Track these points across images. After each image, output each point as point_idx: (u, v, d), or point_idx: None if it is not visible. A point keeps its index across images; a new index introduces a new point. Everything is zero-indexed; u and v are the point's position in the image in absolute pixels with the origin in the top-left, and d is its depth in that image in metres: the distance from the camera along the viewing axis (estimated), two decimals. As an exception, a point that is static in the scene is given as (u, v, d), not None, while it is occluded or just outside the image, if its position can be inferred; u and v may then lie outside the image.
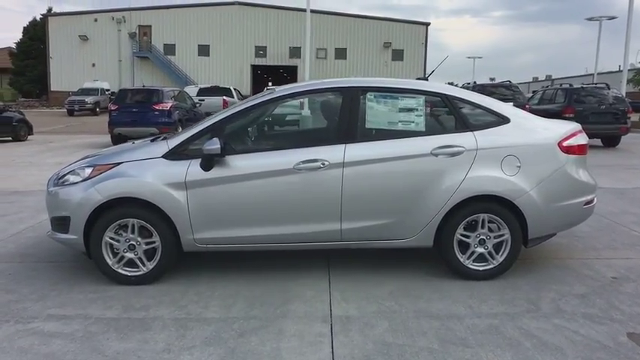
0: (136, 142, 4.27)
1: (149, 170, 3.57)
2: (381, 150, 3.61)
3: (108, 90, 33.22)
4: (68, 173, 3.82)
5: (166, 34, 41.09)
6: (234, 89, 24.44)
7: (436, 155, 3.62)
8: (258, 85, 39.58)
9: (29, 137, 15.77)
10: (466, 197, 3.61)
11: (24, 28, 42.17)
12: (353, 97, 3.72)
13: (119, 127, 13.10)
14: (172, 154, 3.62)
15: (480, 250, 3.73)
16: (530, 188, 3.65)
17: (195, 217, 3.57)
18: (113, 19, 40.54)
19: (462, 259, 3.72)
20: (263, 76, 45.35)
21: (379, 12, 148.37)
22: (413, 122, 3.73)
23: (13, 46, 43.70)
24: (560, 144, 3.75)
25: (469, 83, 15.13)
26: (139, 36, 40.90)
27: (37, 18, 42.49)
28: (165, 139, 3.82)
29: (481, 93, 13.13)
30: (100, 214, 3.59)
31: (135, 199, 3.55)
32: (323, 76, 42.54)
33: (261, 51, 42.25)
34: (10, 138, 15.04)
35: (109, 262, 3.64)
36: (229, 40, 41.47)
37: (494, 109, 3.80)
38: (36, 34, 41.45)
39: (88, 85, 33.60)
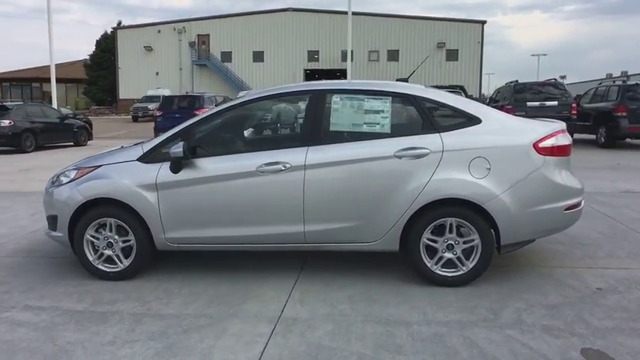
0: (124, 145, 4.53)
1: (124, 173, 3.79)
2: (344, 152, 3.59)
3: (168, 97, 35.02)
4: (61, 175, 4.12)
5: (223, 42, 42.65)
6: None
7: (400, 157, 3.55)
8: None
9: (89, 142, 17.04)
10: (430, 200, 3.51)
11: (96, 41, 45.40)
12: (319, 99, 3.74)
13: (163, 132, 13.78)
14: (146, 158, 3.81)
15: (449, 255, 3.61)
16: (501, 192, 3.49)
17: (165, 217, 3.74)
18: (175, 29, 42.67)
19: (429, 264, 3.62)
20: (321, 79, 45.73)
21: (442, 11, 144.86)
22: (378, 124, 3.68)
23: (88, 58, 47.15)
24: (535, 145, 3.55)
25: (511, 82, 14.47)
26: (198, 45, 42.76)
27: (108, 31, 45.58)
28: (141, 143, 4.02)
29: (525, 92, 12.56)
30: (82, 213, 3.85)
31: (112, 200, 3.78)
32: (374, 78, 42.30)
33: (315, 55, 42.73)
34: (72, 143, 16.32)
35: (90, 259, 3.89)
36: (283, 46, 42.30)
37: (465, 110, 3.66)
38: (107, 46, 44.48)
39: (151, 92, 35.64)
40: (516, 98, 13.03)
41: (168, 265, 4.22)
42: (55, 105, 19.06)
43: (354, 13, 40.67)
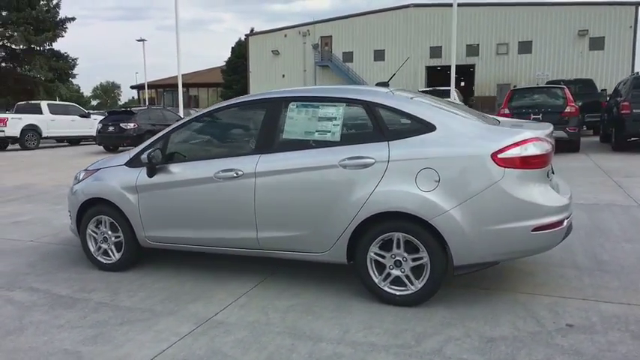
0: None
1: (114, 175, 4.24)
2: (291, 161, 3.57)
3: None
4: (78, 175, 4.75)
5: (345, 42, 43.48)
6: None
7: (344, 167, 3.41)
8: (435, 86, 38.80)
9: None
10: (374, 213, 3.31)
11: (231, 48, 49.74)
12: (275, 108, 3.75)
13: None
14: (131, 162, 4.22)
15: (397, 272, 3.37)
16: (451, 207, 3.15)
17: (144, 217, 4.10)
18: (299, 33, 44.73)
19: (376, 280, 3.42)
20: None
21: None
22: (329, 132, 3.57)
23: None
24: (494, 156, 3.13)
25: (633, 74, 12.34)
26: (320, 47, 44.25)
27: (242, 38, 49.57)
28: (130, 149, 4.45)
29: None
30: (86, 210, 4.41)
31: (104, 200, 4.26)
32: (503, 73, 39.40)
33: (436, 51, 41.29)
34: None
35: (92, 250, 4.43)
36: (404, 43, 41.65)
37: (419, 116, 3.36)
38: (240, 52, 48.45)
39: (274, 94, 37.93)
40: (635, 94, 11.15)
41: (161, 260, 4.59)
42: (181, 109, 21.40)
43: (479, 4, 38.44)
